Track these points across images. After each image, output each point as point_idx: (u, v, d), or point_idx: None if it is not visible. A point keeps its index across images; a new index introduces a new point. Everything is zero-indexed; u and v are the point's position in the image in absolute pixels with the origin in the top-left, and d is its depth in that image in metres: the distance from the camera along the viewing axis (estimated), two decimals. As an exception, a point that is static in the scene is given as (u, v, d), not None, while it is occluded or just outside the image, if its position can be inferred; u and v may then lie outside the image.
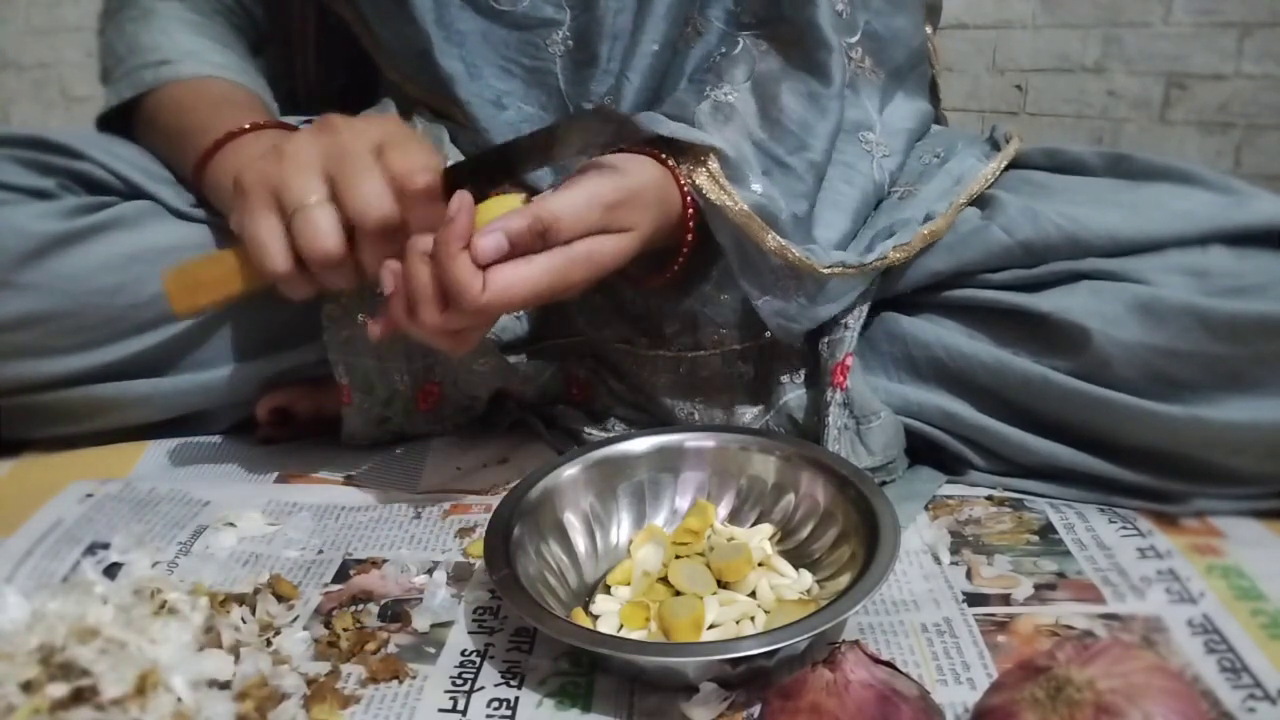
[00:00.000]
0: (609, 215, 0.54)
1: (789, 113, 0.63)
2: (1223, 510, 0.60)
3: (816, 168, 0.64)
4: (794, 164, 0.63)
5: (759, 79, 0.64)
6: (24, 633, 0.45)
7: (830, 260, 0.62)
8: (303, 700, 0.46)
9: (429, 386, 0.71)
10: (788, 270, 0.61)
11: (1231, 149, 1.49)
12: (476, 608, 0.54)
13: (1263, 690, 0.45)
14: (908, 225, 0.65)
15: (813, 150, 0.63)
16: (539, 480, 0.57)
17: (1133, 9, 1.50)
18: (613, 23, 0.68)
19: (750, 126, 0.63)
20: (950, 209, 0.66)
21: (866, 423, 0.64)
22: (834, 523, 0.56)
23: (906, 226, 0.65)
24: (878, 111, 0.70)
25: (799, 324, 0.64)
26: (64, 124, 1.93)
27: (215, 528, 0.61)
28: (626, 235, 0.56)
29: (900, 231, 0.64)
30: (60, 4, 1.90)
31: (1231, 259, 0.59)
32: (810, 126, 0.64)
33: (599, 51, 0.68)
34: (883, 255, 0.63)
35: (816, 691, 0.39)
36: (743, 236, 0.60)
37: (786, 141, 0.63)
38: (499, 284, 0.51)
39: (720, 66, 0.65)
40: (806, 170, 0.63)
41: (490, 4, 0.68)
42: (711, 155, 0.59)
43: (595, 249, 0.54)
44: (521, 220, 0.51)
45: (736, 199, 0.59)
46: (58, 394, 0.67)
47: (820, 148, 0.64)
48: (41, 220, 0.64)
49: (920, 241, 0.65)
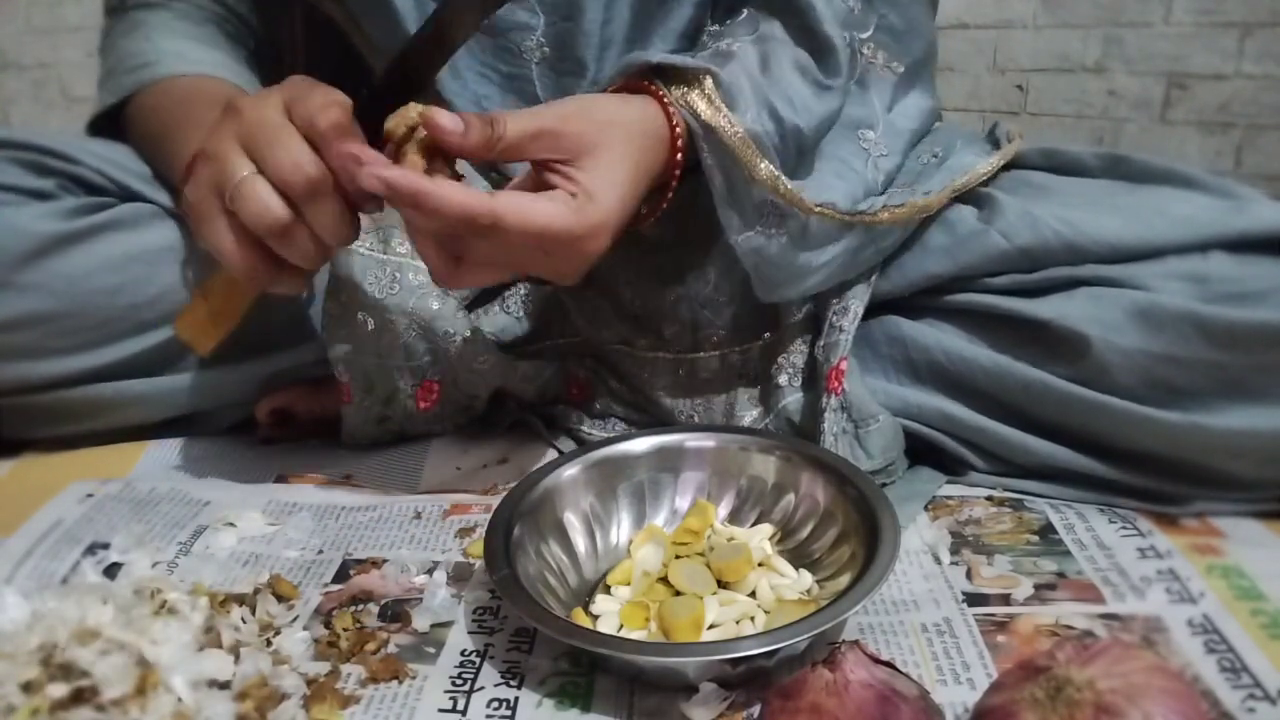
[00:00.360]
0: (560, 131, 0.52)
1: (786, 79, 0.61)
2: (1223, 511, 0.60)
3: (799, 134, 0.61)
4: (783, 115, 0.60)
5: (762, 37, 0.62)
6: (24, 633, 0.45)
7: (820, 199, 0.60)
8: (303, 700, 0.46)
9: (429, 385, 0.71)
10: (772, 206, 0.59)
11: (1232, 149, 1.49)
12: (476, 608, 0.54)
13: (1263, 690, 0.45)
14: (902, 194, 0.64)
15: (800, 118, 0.61)
16: (539, 480, 0.57)
17: (1133, 9, 1.50)
18: (600, 34, 0.67)
19: (750, 67, 0.60)
20: (945, 190, 0.65)
21: (865, 426, 0.64)
22: (834, 523, 0.56)
23: (900, 195, 0.64)
24: (885, 109, 0.69)
25: (778, 270, 0.62)
26: (64, 124, 1.93)
27: (215, 528, 0.61)
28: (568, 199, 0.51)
29: (894, 195, 0.64)
30: (60, 4, 1.90)
31: (1232, 265, 0.58)
32: (805, 101, 0.61)
33: (586, 61, 0.67)
34: (872, 210, 0.62)
35: (816, 691, 0.39)
36: (733, 164, 0.58)
37: (778, 95, 0.60)
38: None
39: (723, 30, 0.63)
40: (792, 132, 0.61)
41: None
42: (707, 77, 0.57)
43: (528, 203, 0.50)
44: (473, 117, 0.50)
45: (734, 121, 0.57)
46: (58, 394, 0.68)
47: (807, 120, 0.61)
48: (41, 221, 0.64)
49: (912, 210, 0.64)
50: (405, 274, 0.68)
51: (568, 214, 0.50)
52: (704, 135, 0.57)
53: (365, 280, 0.67)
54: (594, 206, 0.51)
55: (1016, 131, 0.73)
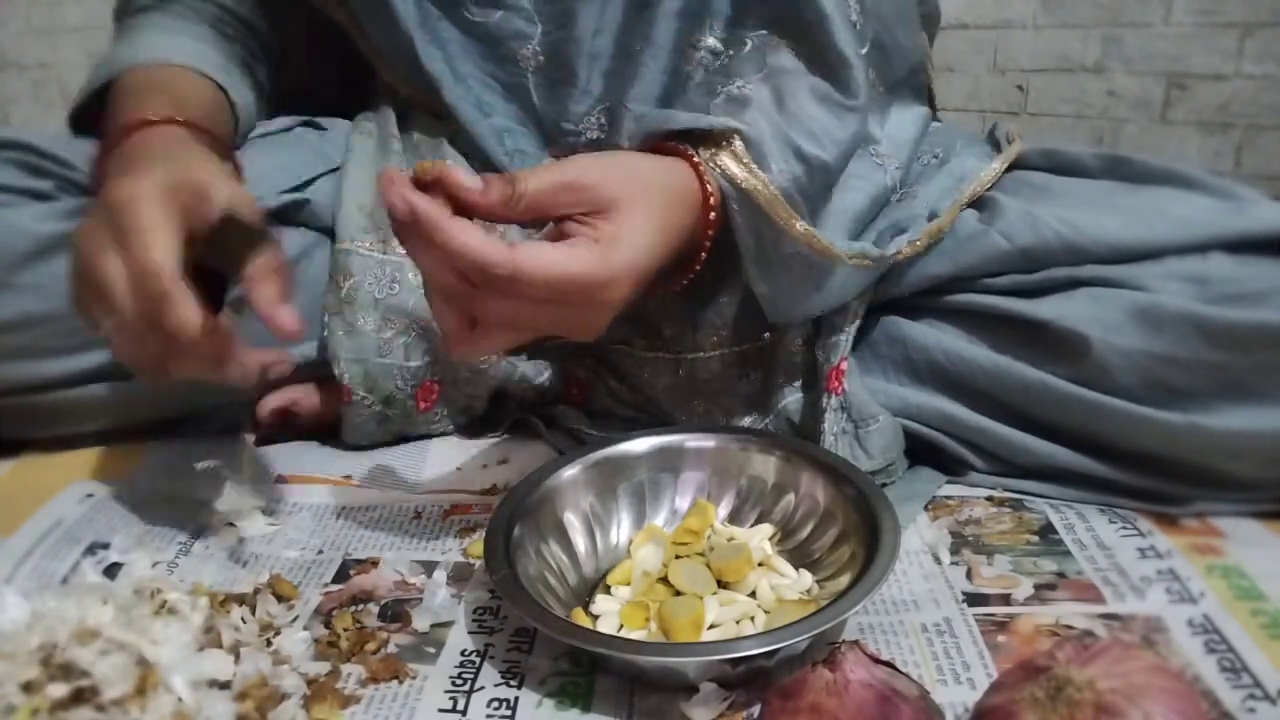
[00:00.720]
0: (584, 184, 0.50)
1: (806, 112, 0.60)
2: (1223, 512, 0.60)
3: (825, 170, 0.61)
4: (809, 153, 0.59)
5: (772, 72, 0.61)
6: (24, 633, 0.45)
7: (853, 250, 0.61)
8: (303, 700, 0.46)
9: (429, 386, 0.71)
10: (801, 258, 0.59)
11: (1232, 149, 1.48)
12: (476, 608, 0.54)
13: (1263, 690, 0.45)
14: (915, 222, 0.65)
15: (826, 151, 0.60)
16: (539, 480, 0.57)
17: (1133, 9, 1.50)
18: (591, 44, 0.67)
19: (767, 110, 0.59)
20: (952, 206, 0.66)
21: (865, 426, 0.64)
22: (834, 523, 0.56)
23: (915, 223, 0.65)
24: (880, 126, 0.70)
25: (792, 305, 0.64)
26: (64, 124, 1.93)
27: (215, 528, 0.61)
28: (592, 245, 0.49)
29: (911, 228, 0.64)
30: (60, 4, 1.90)
31: (1232, 266, 0.58)
32: (827, 130, 0.61)
33: (576, 70, 0.67)
34: (898, 249, 0.63)
35: (816, 691, 0.39)
36: (766, 223, 0.57)
37: (801, 132, 0.60)
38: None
39: (729, 66, 0.63)
40: (819, 169, 0.60)
41: (465, 15, 0.68)
42: (735, 137, 0.56)
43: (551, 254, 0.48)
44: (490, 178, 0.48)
45: (765, 181, 0.56)
46: (58, 394, 0.67)
47: (833, 152, 0.61)
48: (41, 221, 0.64)
49: (927, 238, 0.65)
50: (405, 274, 0.68)
51: (588, 258, 0.48)
52: (738, 198, 0.57)
53: (365, 280, 0.68)
54: (616, 252, 0.49)
55: (1016, 132, 0.73)
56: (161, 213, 0.49)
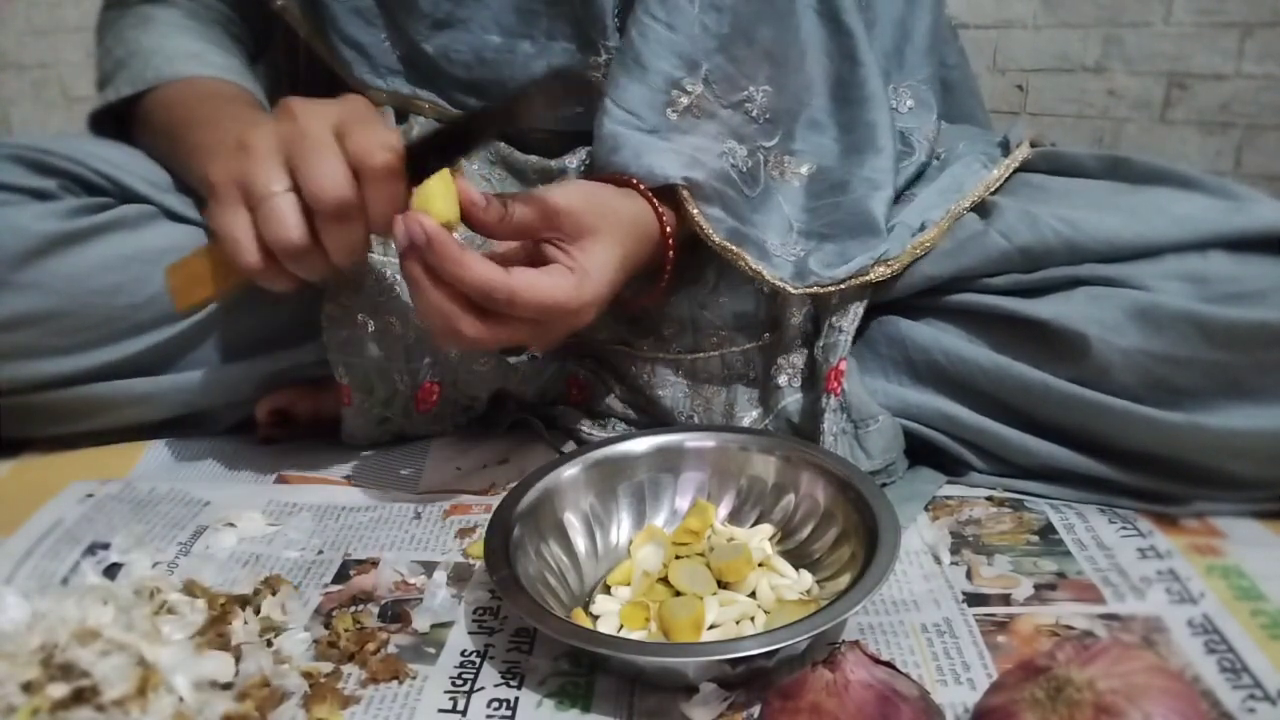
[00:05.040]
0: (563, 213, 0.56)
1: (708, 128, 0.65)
2: (1223, 512, 0.60)
3: (725, 175, 0.65)
4: (706, 162, 0.64)
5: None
6: (24, 633, 0.45)
7: (806, 282, 0.64)
8: (303, 700, 0.46)
9: (429, 386, 0.71)
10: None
11: (1232, 149, 1.48)
12: (476, 608, 0.54)
13: (1263, 690, 0.45)
14: (897, 236, 0.65)
15: (720, 160, 0.65)
16: (539, 480, 0.57)
17: (1133, 9, 1.50)
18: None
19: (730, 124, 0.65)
20: (945, 217, 0.66)
21: (864, 427, 0.64)
22: (834, 523, 0.56)
23: (896, 238, 0.65)
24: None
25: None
26: (64, 124, 1.93)
27: (215, 528, 0.61)
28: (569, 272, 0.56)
29: (890, 244, 0.64)
30: (60, 4, 1.90)
31: (1231, 265, 0.58)
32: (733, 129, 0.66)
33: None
34: (863, 269, 0.64)
35: (816, 692, 0.39)
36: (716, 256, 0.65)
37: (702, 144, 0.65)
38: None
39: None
40: (719, 176, 0.65)
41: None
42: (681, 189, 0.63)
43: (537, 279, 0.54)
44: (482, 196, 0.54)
45: (709, 231, 0.63)
46: (58, 394, 0.68)
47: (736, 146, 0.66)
48: (41, 220, 0.64)
49: (908, 257, 0.65)
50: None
51: (569, 288, 0.55)
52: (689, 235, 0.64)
53: (365, 282, 0.67)
54: (589, 283, 0.56)
55: (1032, 137, 0.72)
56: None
